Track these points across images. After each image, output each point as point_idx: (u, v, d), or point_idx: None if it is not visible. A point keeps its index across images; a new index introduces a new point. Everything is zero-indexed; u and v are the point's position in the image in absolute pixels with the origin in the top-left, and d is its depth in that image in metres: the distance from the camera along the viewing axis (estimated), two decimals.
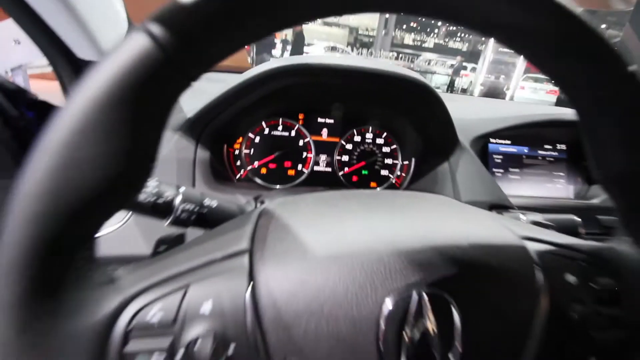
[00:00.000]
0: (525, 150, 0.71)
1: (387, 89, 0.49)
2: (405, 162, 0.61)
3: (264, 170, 0.57)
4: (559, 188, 0.72)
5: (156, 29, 0.15)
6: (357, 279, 0.19)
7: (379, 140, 0.60)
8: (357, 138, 0.60)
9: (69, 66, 0.45)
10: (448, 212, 0.27)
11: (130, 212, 0.42)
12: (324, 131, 0.59)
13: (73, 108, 0.15)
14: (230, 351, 0.18)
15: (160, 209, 0.28)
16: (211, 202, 0.30)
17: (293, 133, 0.58)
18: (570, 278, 0.23)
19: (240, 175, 0.56)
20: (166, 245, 0.24)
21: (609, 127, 0.22)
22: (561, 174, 0.72)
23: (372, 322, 0.19)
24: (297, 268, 0.20)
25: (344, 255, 0.20)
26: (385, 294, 0.19)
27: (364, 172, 0.60)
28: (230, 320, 0.18)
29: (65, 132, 0.15)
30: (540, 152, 0.72)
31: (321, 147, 0.59)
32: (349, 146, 0.60)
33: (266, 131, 0.56)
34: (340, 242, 0.21)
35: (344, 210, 0.25)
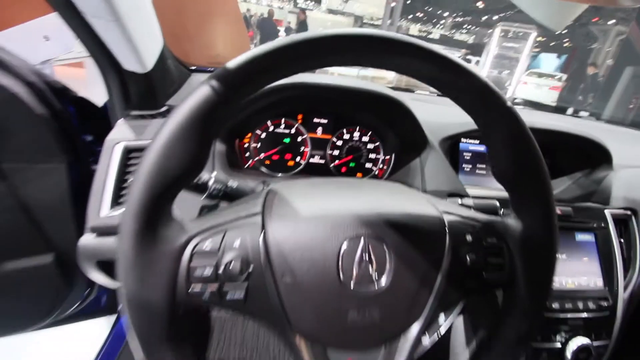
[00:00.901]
0: None
1: (367, 101, 0.61)
2: (387, 157, 0.73)
3: (268, 161, 0.69)
4: None
5: (213, 82, 0.27)
6: (327, 230, 0.32)
7: (365, 138, 0.72)
8: (347, 136, 0.71)
9: (116, 76, 0.56)
10: (395, 194, 0.39)
11: None
12: (319, 130, 0.70)
13: (168, 127, 0.27)
14: (250, 269, 0.30)
15: (200, 187, 0.40)
16: (233, 183, 0.43)
17: (293, 131, 0.69)
18: (469, 237, 0.35)
19: (249, 164, 0.69)
20: (207, 209, 0.36)
21: (498, 141, 0.34)
22: None
23: (335, 255, 0.31)
24: (291, 223, 0.32)
25: (320, 216, 0.33)
26: (343, 239, 0.31)
27: (352, 164, 0.72)
28: (251, 252, 0.30)
29: (164, 140, 0.27)
30: None
31: (316, 143, 0.71)
32: (339, 142, 0.71)
33: (271, 129, 0.68)
34: (318, 209, 0.34)
35: (323, 190, 0.38)
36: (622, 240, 0.67)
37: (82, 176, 0.78)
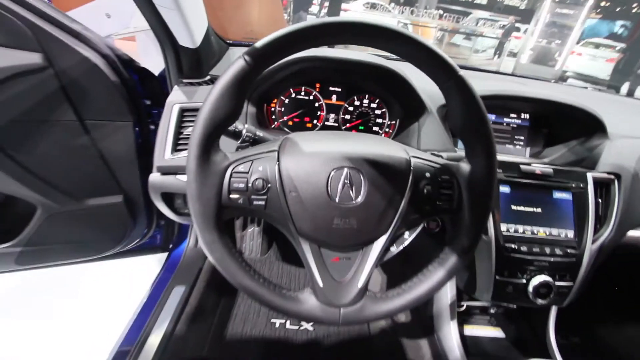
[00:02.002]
0: (493, 117, 0.89)
1: (371, 72, 0.72)
2: (392, 122, 0.84)
3: (290, 123, 0.83)
4: (517, 149, 0.91)
5: (246, 56, 0.41)
6: (321, 162, 0.46)
7: (373, 105, 0.83)
8: (357, 103, 0.83)
9: (173, 51, 0.71)
10: (377, 142, 0.52)
11: None
12: (334, 97, 0.83)
13: (215, 89, 0.41)
14: (269, 186, 0.45)
15: (236, 134, 0.55)
16: (260, 133, 0.57)
17: (311, 97, 0.82)
18: (428, 174, 0.48)
19: (275, 125, 0.83)
20: (241, 150, 0.51)
21: (454, 104, 0.45)
22: (521, 138, 0.91)
23: (325, 179, 0.45)
24: (297, 157, 0.46)
25: (317, 153, 0.46)
26: (332, 168, 0.45)
27: (361, 127, 0.84)
28: (269, 175, 0.45)
29: (213, 98, 0.41)
30: (506, 119, 0.90)
31: (331, 108, 0.83)
32: (351, 108, 0.83)
33: (293, 95, 0.82)
34: (316, 149, 0.47)
35: (323, 138, 0.51)
36: (600, 200, 0.75)
37: (143, 133, 0.98)
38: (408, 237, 0.55)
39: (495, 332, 0.85)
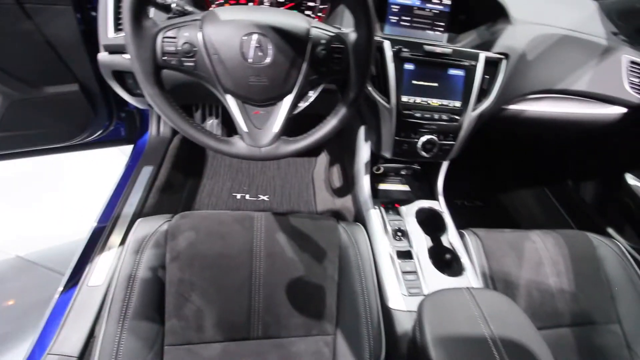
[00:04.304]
0: (418, 3, 0.98)
1: None
2: (324, 6, 0.91)
3: (227, 5, 0.89)
4: (437, 35, 1.02)
5: None
6: (236, 28, 0.57)
7: None
8: None
9: None
10: (286, 14, 0.62)
11: None
12: None
13: None
14: (195, 49, 0.57)
15: (165, 7, 0.64)
16: (189, 8, 0.66)
17: None
18: (323, 41, 0.60)
19: (213, 6, 0.88)
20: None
21: None
22: (441, 24, 1.02)
23: (239, 43, 0.57)
24: (216, 25, 0.57)
25: (233, 21, 0.57)
26: (244, 33, 0.57)
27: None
28: (194, 40, 0.56)
29: None
30: (428, 5, 0.99)
31: None
32: None
33: None
34: (233, 19, 0.58)
35: (240, 10, 0.61)
36: (487, 77, 0.92)
37: (85, 20, 1.00)
38: (312, 95, 0.70)
39: (403, 187, 1.11)
